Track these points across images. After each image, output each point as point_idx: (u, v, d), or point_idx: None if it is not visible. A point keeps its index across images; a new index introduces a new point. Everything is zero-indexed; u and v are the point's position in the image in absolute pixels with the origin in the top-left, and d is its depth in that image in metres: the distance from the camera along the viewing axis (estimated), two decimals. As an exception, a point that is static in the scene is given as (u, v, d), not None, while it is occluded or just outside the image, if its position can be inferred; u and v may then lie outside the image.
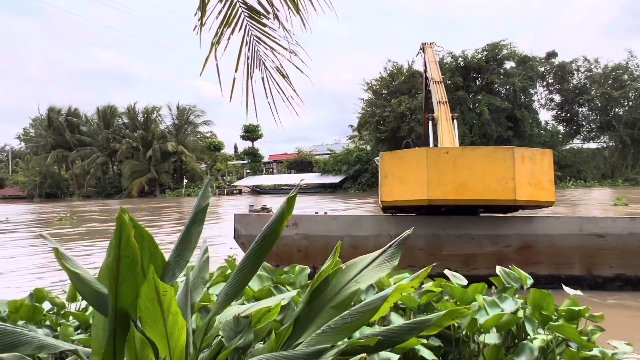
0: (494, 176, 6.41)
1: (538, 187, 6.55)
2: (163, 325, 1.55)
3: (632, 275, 6.30)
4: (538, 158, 6.61)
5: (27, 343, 1.58)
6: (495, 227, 6.95)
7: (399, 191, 6.63)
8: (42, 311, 3.19)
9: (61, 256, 1.63)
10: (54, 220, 23.16)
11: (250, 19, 3.48)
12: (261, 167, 67.45)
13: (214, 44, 3.35)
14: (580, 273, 6.38)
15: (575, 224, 6.66)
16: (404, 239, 1.80)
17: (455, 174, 6.39)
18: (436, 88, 12.13)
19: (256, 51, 3.55)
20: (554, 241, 6.62)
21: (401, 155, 6.78)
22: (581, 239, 6.54)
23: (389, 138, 42.78)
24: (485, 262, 6.65)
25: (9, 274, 9.38)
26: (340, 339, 1.55)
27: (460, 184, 6.38)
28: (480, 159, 6.48)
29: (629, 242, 6.35)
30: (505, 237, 6.85)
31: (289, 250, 7.37)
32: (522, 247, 6.77)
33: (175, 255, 1.84)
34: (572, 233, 6.60)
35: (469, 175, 6.39)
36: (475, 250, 6.82)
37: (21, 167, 71.85)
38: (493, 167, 6.44)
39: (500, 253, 6.74)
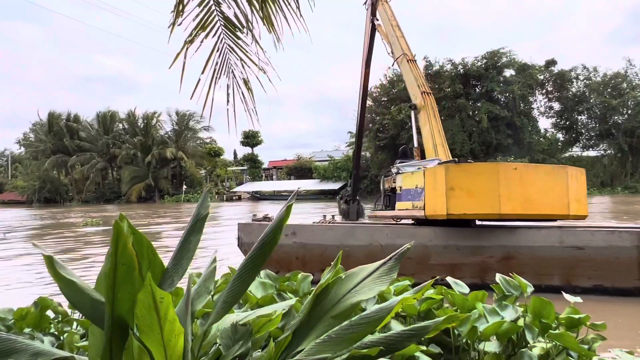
0: (554, 192, 6.86)
1: (579, 202, 7.09)
2: (160, 332, 1.53)
3: (609, 286, 6.50)
4: (579, 176, 7.17)
5: (22, 350, 1.56)
6: (479, 239, 7.22)
7: (468, 204, 6.78)
8: (48, 319, 3.17)
9: (55, 265, 1.62)
10: (79, 224, 23.10)
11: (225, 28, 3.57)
12: (261, 173, 67.49)
13: (187, 43, 3.46)
14: (559, 283, 6.53)
15: (556, 236, 6.87)
16: (403, 253, 1.79)
17: (522, 189, 6.72)
18: (411, 68, 11.34)
19: (227, 59, 3.65)
20: (535, 252, 6.84)
21: (469, 169, 6.98)
22: (561, 251, 6.76)
23: (388, 145, 42.86)
24: (469, 271, 6.87)
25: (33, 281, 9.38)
26: (341, 349, 1.54)
27: (527, 200, 6.73)
28: (542, 175, 6.90)
29: (607, 255, 6.55)
30: (488, 248, 7.10)
31: (288, 258, 7.66)
32: (505, 258, 7.00)
33: (173, 263, 1.83)
34: (552, 245, 6.83)
35: (533, 192, 6.75)
36: (461, 260, 7.07)
37: (20, 172, 71.85)
38: (553, 184, 6.87)
39: (484, 263, 6.98)
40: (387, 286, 1.64)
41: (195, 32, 3.50)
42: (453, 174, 6.83)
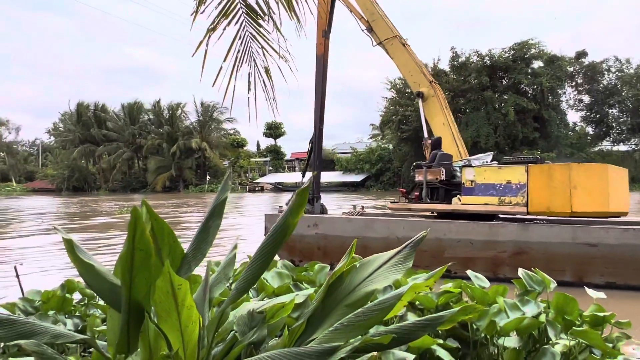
0: (624, 191, 7.57)
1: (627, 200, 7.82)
2: (177, 318, 1.55)
3: (622, 283, 6.56)
4: (626, 175, 7.83)
5: (42, 333, 1.60)
6: (492, 234, 7.46)
7: (587, 202, 7.19)
8: (71, 302, 3.25)
9: (75, 248, 1.65)
10: (115, 212, 23.70)
11: (247, 15, 3.55)
12: (283, 165, 67.72)
13: (209, 31, 3.47)
14: (571, 279, 6.60)
15: (568, 233, 7.01)
16: (418, 241, 1.77)
17: (613, 189, 7.30)
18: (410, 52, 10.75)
19: (248, 47, 3.64)
20: (548, 248, 6.97)
21: (587, 169, 7.49)
22: (574, 247, 6.88)
23: (411, 137, 42.42)
24: (482, 265, 6.98)
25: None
26: (353, 337, 1.53)
27: (618, 198, 7.38)
28: (620, 176, 7.60)
29: (621, 252, 6.64)
30: (501, 243, 7.33)
31: (311, 248, 8.14)
32: (517, 253, 7.17)
33: (192, 248, 1.85)
34: (565, 241, 6.97)
35: (616, 191, 7.39)
36: (474, 254, 7.30)
37: (50, 161, 73.71)
38: (623, 183, 7.58)
39: (497, 258, 7.21)
40: (402, 275, 1.63)
41: (217, 19, 3.50)
42: (576, 173, 7.20)
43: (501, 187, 7.89)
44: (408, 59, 10.70)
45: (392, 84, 46.83)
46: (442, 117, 10.48)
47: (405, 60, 10.73)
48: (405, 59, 10.71)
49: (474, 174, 8.33)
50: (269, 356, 1.42)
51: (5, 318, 1.55)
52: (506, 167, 8.05)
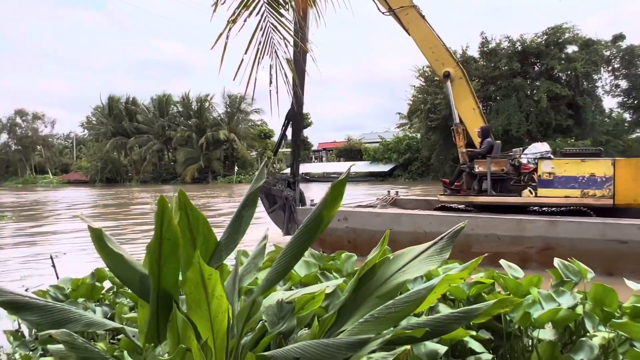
0: None
1: None
2: (207, 308, 1.55)
3: None
4: None
5: (76, 320, 1.63)
6: (520, 229, 7.57)
7: None
8: (100, 290, 3.33)
9: (103, 238, 1.66)
10: (152, 203, 24.36)
11: (268, 6, 3.51)
12: (310, 155, 67.79)
13: (230, 22, 3.44)
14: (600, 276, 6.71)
15: (597, 229, 7.02)
16: (456, 232, 1.72)
17: None
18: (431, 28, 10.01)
19: (270, 39, 3.60)
20: (576, 245, 7.00)
21: None
22: (603, 244, 6.89)
23: (440, 126, 41.74)
24: (510, 261, 7.26)
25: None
26: (384, 329, 1.50)
27: None
28: None
29: None
30: (529, 238, 7.46)
31: (341, 241, 8.44)
32: (544, 249, 7.24)
33: (225, 237, 1.85)
34: (594, 238, 6.99)
35: None
36: (501, 249, 7.39)
37: (84, 153, 75.74)
38: None
39: (524, 253, 7.26)
40: (437, 266, 1.59)
41: (238, 11, 3.48)
42: None
43: (584, 180, 8.03)
44: (428, 32, 9.94)
45: (420, 71, 46.09)
46: (472, 101, 10.15)
47: (424, 34, 9.94)
48: (425, 32, 9.93)
49: (552, 166, 8.34)
50: (299, 347, 1.40)
51: (42, 304, 1.58)
52: (589, 160, 8.21)
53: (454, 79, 10.07)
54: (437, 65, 10.12)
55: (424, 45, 9.99)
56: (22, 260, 10.63)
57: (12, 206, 27.41)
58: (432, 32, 9.95)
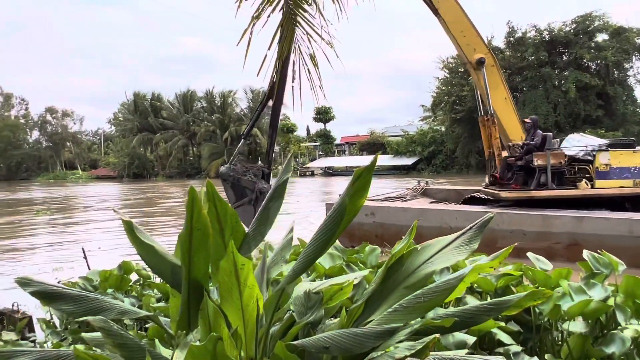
0: None
1: None
2: (239, 297, 1.57)
3: None
4: None
5: (110, 309, 1.68)
6: (546, 225, 7.56)
7: None
8: (128, 281, 3.43)
9: (135, 230, 1.70)
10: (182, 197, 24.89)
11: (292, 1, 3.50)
12: (333, 149, 67.77)
13: (254, 19, 3.46)
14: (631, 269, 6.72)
15: (625, 226, 6.97)
16: (485, 223, 1.71)
17: None
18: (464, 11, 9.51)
19: (294, 35, 3.60)
20: (603, 241, 6.83)
21: None
22: (631, 241, 6.83)
23: (465, 118, 41.15)
24: None
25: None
26: (412, 319, 1.51)
27: None
28: None
29: None
30: (555, 234, 7.46)
31: (369, 235, 8.57)
32: (571, 245, 7.22)
33: (253, 228, 1.87)
34: (622, 234, 6.93)
35: None
36: (527, 245, 7.69)
37: (112, 149, 77.32)
38: None
39: (551, 249, 7.25)
40: (465, 256, 1.58)
41: (262, 6, 3.49)
42: None
43: (636, 170, 8.35)
44: (460, 14, 9.42)
45: (444, 63, 45.47)
46: (503, 90, 9.88)
47: (456, 15, 9.40)
48: (457, 13, 9.40)
49: (609, 158, 8.56)
50: (329, 336, 1.42)
51: (76, 294, 1.64)
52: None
53: (487, 66, 9.63)
54: (468, 50, 9.57)
55: (455, 28, 9.43)
56: (55, 253, 10.97)
57: (46, 201, 28.25)
58: (464, 14, 9.48)
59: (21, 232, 15.30)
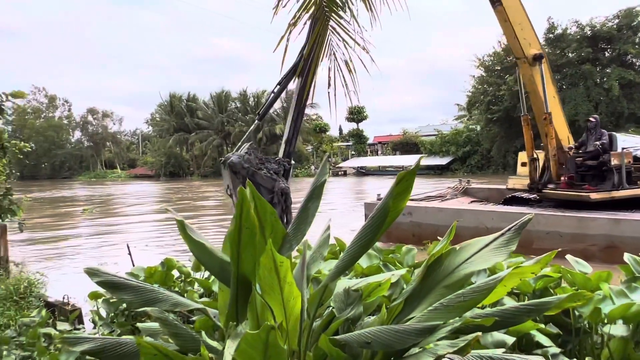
0: None
1: None
2: (280, 293, 1.65)
3: None
4: None
5: (164, 300, 1.79)
6: (582, 227, 7.56)
7: None
8: (172, 277, 3.58)
9: (186, 228, 1.81)
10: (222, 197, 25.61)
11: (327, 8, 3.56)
12: (366, 149, 67.54)
13: (291, 25, 3.53)
14: None
15: None
16: (523, 225, 1.73)
17: None
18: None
19: (329, 40, 3.66)
20: None
21: None
22: None
23: (501, 118, 40.29)
24: None
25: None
26: (452, 317, 1.55)
27: None
28: None
29: None
30: (592, 236, 7.44)
31: (406, 235, 8.74)
32: (608, 247, 7.21)
33: (293, 228, 1.95)
34: None
35: None
36: (562, 246, 7.53)
37: (149, 149, 79.35)
38: None
39: (587, 251, 7.20)
40: (504, 258, 1.61)
41: (298, 13, 3.57)
42: None
43: None
44: (520, 7, 9.24)
45: (480, 61, 44.61)
46: (553, 89, 9.73)
47: (517, 7, 9.18)
48: (517, 6, 9.20)
49: None
50: (370, 332, 1.48)
51: (136, 285, 1.76)
52: None
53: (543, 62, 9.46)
54: (524, 44, 9.30)
55: (515, 20, 9.15)
56: (100, 249, 11.41)
57: (90, 199, 29.32)
58: (523, 7, 9.32)
59: (67, 228, 15.97)
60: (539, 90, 9.39)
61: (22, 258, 7.93)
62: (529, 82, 9.62)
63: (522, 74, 9.65)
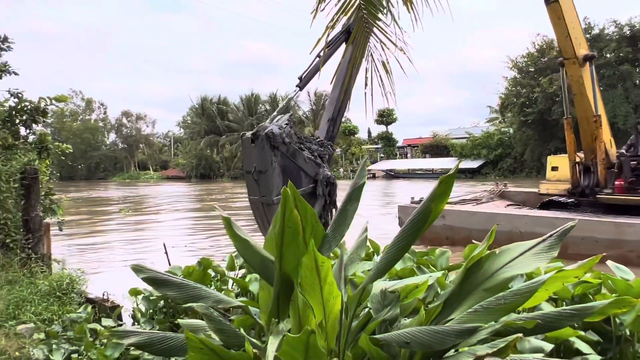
0: None
1: None
2: (320, 292, 1.69)
3: None
4: None
5: (207, 297, 1.86)
6: (619, 233, 7.47)
7: None
8: (210, 277, 3.66)
9: (232, 225, 1.87)
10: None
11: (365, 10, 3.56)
12: (395, 152, 67.10)
13: (329, 28, 3.55)
14: None
15: None
16: (566, 231, 1.72)
17: None
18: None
19: (367, 42, 3.66)
20: None
21: None
22: None
23: (535, 121, 39.40)
24: None
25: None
26: (491, 320, 1.55)
27: None
28: None
29: None
30: (628, 242, 7.37)
31: (439, 238, 8.87)
32: None
33: (332, 229, 1.99)
34: None
35: None
36: (598, 252, 7.17)
37: (181, 151, 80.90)
38: None
39: (624, 257, 7.03)
40: (545, 263, 1.60)
41: (336, 16, 3.60)
42: None
43: None
44: (572, 6, 9.12)
45: (514, 62, 43.77)
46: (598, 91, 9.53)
47: (570, 6, 9.06)
48: (570, 5, 9.10)
49: None
50: (410, 333, 1.50)
51: (180, 282, 1.83)
52: None
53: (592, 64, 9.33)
54: (576, 42, 9.12)
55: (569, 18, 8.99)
56: (136, 248, 11.73)
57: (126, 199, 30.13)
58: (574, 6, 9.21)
59: (103, 228, 16.46)
60: (588, 92, 9.20)
61: (61, 255, 8.24)
62: (576, 83, 9.35)
63: (570, 75, 9.33)
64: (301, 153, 5.81)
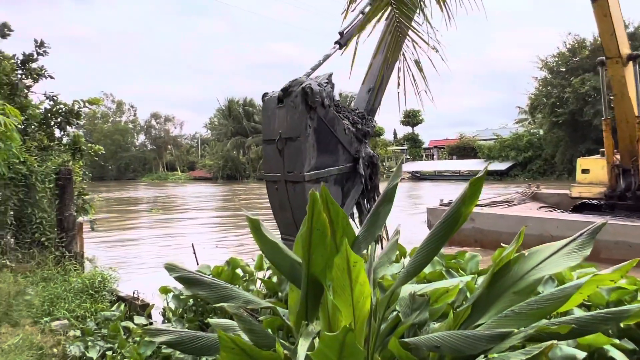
0: None
1: None
2: (350, 294, 1.69)
3: None
4: None
5: (237, 297, 1.88)
6: None
7: None
8: (239, 277, 3.70)
9: (260, 228, 1.89)
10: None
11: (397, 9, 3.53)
12: (421, 153, 66.48)
13: (359, 29, 3.54)
14: None
15: None
16: (597, 229, 1.68)
17: None
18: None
19: (398, 42, 3.63)
20: None
21: None
22: None
23: (566, 122, 38.43)
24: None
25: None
26: (523, 325, 1.52)
27: None
28: None
29: None
30: None
31: (468, 240, 8.92)
32: None
33: (364, 230, 1.99)
34: None
35: None
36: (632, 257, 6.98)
37: (208, 152, 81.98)
38: None
39: None
40: (577, 262, 1.57)
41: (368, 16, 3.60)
42: None
43: None
44: (618, 4, 9.01)
45: (544, 62, 42.81)
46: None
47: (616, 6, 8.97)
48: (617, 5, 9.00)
49: None
50: (440, 337, 1.49)
51: (211, 282, 1.86)
52: None
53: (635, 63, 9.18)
54: (620, 42, 9.03)
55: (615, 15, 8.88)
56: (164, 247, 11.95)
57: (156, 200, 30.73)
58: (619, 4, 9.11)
59: (133, 227, 16.82)
60: (630, 92, 8.96)
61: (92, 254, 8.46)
62: (618, 83, 9.12)
63: (612, 74, 9.08)
64: (341, 122, 4.80)
